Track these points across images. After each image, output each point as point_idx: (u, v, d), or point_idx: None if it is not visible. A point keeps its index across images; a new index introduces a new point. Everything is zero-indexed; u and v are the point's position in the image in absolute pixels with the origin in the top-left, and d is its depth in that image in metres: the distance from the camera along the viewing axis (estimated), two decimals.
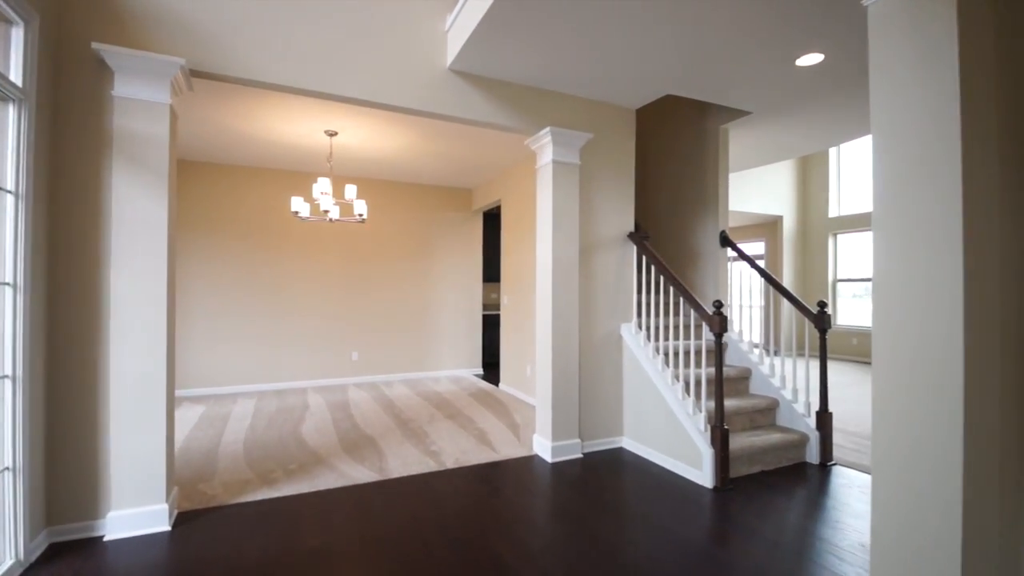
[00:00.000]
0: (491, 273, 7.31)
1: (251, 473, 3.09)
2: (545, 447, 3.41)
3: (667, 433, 3.25)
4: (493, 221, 7.39)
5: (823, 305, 3.42)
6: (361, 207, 4.41)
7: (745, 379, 3.77)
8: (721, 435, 2.89)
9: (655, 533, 2.39)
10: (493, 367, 7.12)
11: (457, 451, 3.52)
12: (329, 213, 4.35)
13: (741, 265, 4.13)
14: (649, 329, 3.77)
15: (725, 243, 4.20)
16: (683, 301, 3.46)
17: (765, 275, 3.77)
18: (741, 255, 4.05)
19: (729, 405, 3.35)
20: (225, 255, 5.44)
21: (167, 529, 2.37)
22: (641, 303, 3.97)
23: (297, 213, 4.29)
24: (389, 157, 5.10)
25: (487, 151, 4.86)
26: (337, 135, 4.34)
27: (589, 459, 3.40)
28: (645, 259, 3.66)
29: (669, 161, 4.78)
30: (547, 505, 2.69)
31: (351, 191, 4.35)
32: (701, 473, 2.97)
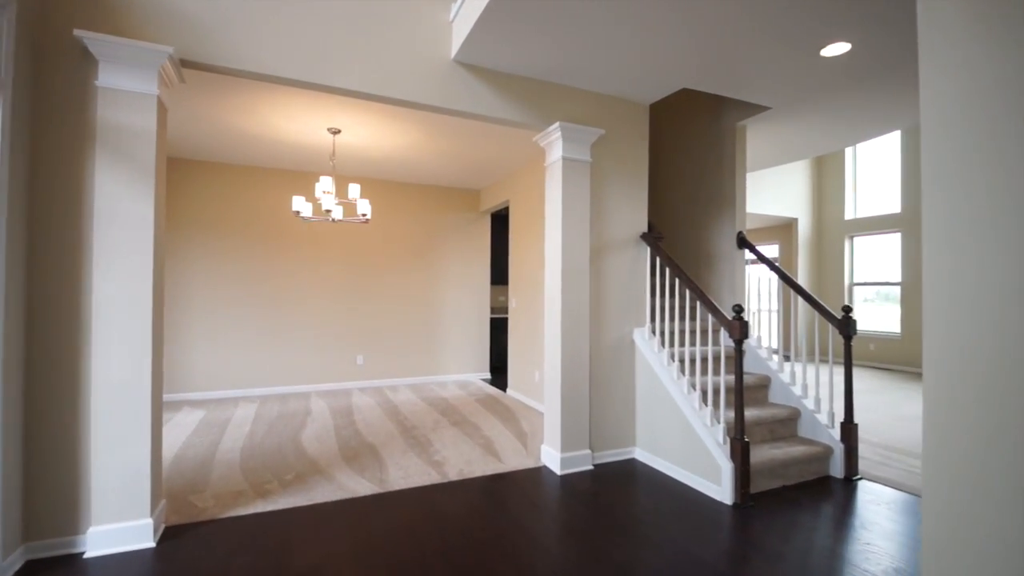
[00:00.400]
0: (499, 275, 7.15)
1: (245, 484, 2.95)
2: (554, 458, 3.24)
3: (683, 445, 3.07)
4: (501, 222, 7.24)
5: (848, 310, 3.22)
6: (365, 206, 4.28)
7: (764, 387, 3.58)
8: (742, 448, 2.71)
9: (672, 556, 2.21)
10: (501, 372, 6.95)
11: (462, 461, 3.37)
12: (332, 213, 4.22)
13: (757, 268, 3.94)
14: (663, 334, 3.59)
15: (742, 245, 4.02)
16: (699, 305, 3.28)
17: (786, 278, 3.58)
18: (760, 257, 3.86)
19: (748, 415, 3.16)
20: (227, 256, 5.33)
21: (151, 545, 2.24)
22: (655, 307, 3.80)
23: (299, 213, 4.16)
24: (394, 156, 4.97)
25: (494, 150, 4.71)
26: (340, 133, 4.22)
27: (600, 471, 3.23)
28: (659, 261, 3.49)
29: (684, 159, 4.60)
30: (555, 524, 2.52)
31: (354, 190, 4.22)
32: (720, 488, 2.79)
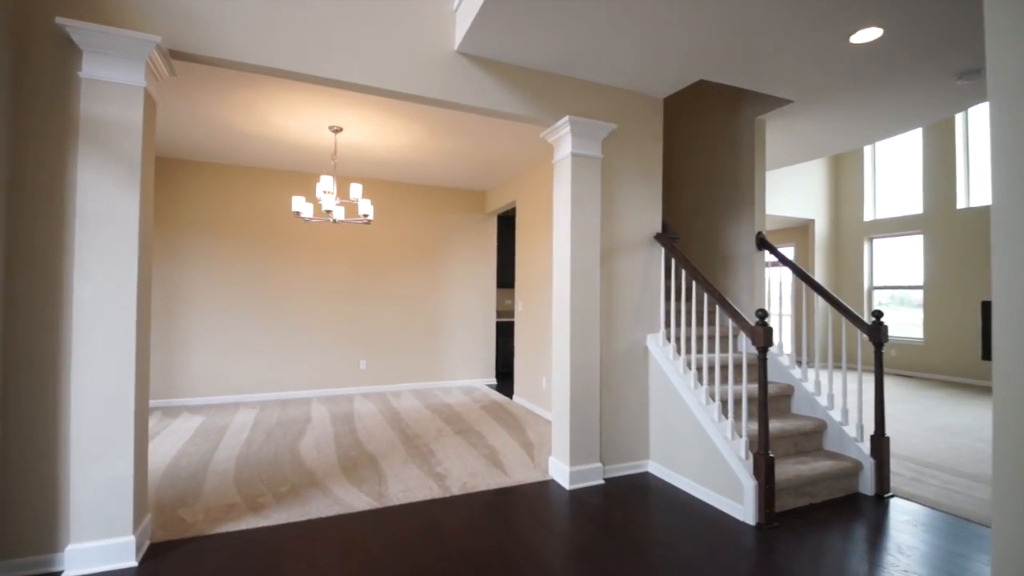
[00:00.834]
0: (505, 278, 6.99)
1: (238, 496, 2.81)
2: (562, 471, 3.07)
3: (701, 459, 2.88)
4: (508, 224, 7.08)
5: (879, 315, 3.02)
6: (367, 207, 4.14)
7: (787, 397, 3.38)
8: (766, 464, 2.52)
9: None
10: (507, 377, 6.78)
11: (465, 474, 3.20)
12: (333, 214, 4.09)
13: (774, 271, 3.74)
14: (678, 340, 3.40)
15: (762, 246, 3.82)
16: (718, 309, 3.10)
17: (811, 282, 3.37)
18: (782, 259, 3.66)
19: (772, 428, 2.97)
20: (227, 258, 5.22)
21: (133, 565, 2.09)
22: (669, 311, 3.62)
23: (299, 214, 4.04)
24: (397, 156, 4.84)
25: (501, 149, 4.56)
26: (342, 131, 4.09)
27: (612, 486, 3.04)
28: (674, 262, 3.31)
29: (700, 155, 4.41)
30: (564, 545, 2.34)
31: (356, 190, 4.08)
32: (742, 507, 2.59)
